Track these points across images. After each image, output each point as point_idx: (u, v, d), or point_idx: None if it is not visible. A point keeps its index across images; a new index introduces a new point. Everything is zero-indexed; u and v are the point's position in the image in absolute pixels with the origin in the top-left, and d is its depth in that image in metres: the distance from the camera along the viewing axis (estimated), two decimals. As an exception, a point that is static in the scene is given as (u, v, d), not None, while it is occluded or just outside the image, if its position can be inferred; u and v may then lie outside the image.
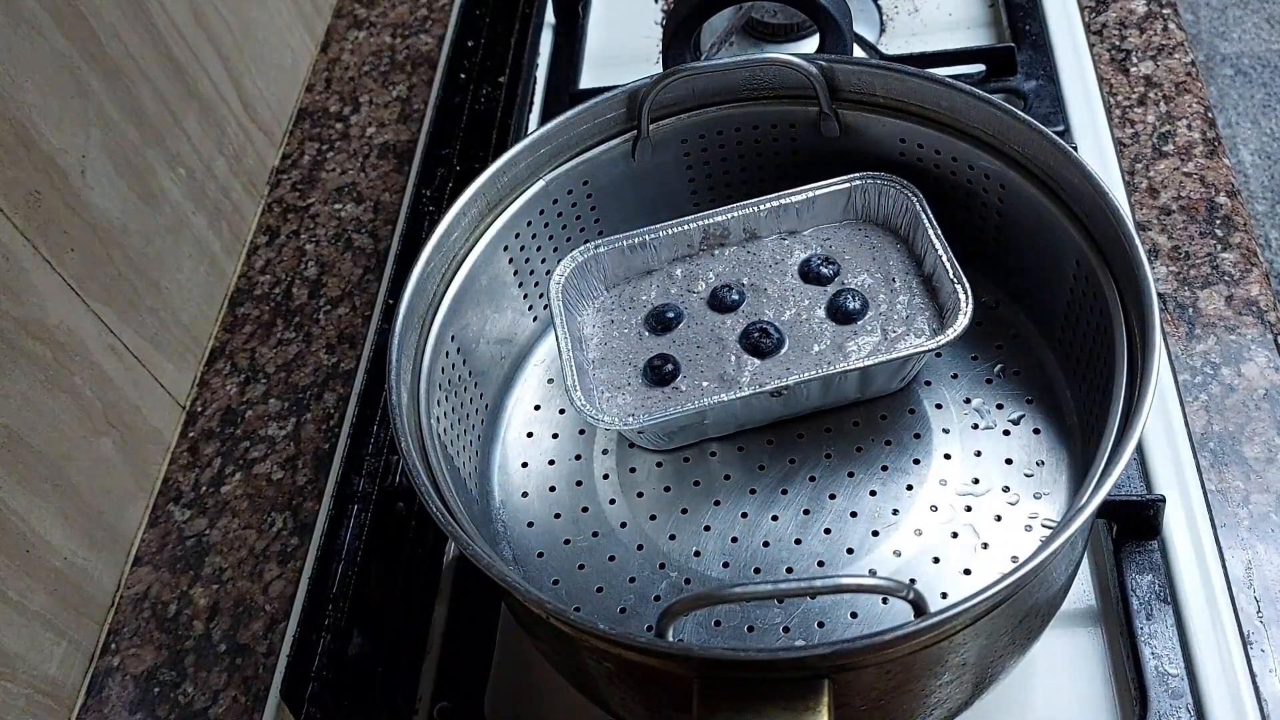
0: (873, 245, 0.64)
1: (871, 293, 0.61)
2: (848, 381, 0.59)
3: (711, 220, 0.64)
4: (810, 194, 0.64)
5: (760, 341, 0.60)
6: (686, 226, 0.64)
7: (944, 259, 0.59)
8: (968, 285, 0.58)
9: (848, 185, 0.64)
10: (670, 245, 0.65)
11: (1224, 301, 0.70)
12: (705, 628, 0.54)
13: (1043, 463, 0.58)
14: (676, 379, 0.60)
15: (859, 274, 0.62)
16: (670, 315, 0.62)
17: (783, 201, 0.64)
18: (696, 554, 0.57)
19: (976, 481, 0.57)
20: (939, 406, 0.61)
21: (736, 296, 0.62)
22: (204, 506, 0.75)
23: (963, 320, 0.57)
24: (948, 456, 0.59)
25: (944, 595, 0.54)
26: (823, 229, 0.65)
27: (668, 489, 0.60)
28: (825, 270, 0.62)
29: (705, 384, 0.59)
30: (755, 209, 0.64)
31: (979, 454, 0.59)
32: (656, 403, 0.58)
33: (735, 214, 0.64)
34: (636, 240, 0.64)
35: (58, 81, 0.68)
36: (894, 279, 0.62)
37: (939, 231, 0.61)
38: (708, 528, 0.58)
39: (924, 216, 0.61)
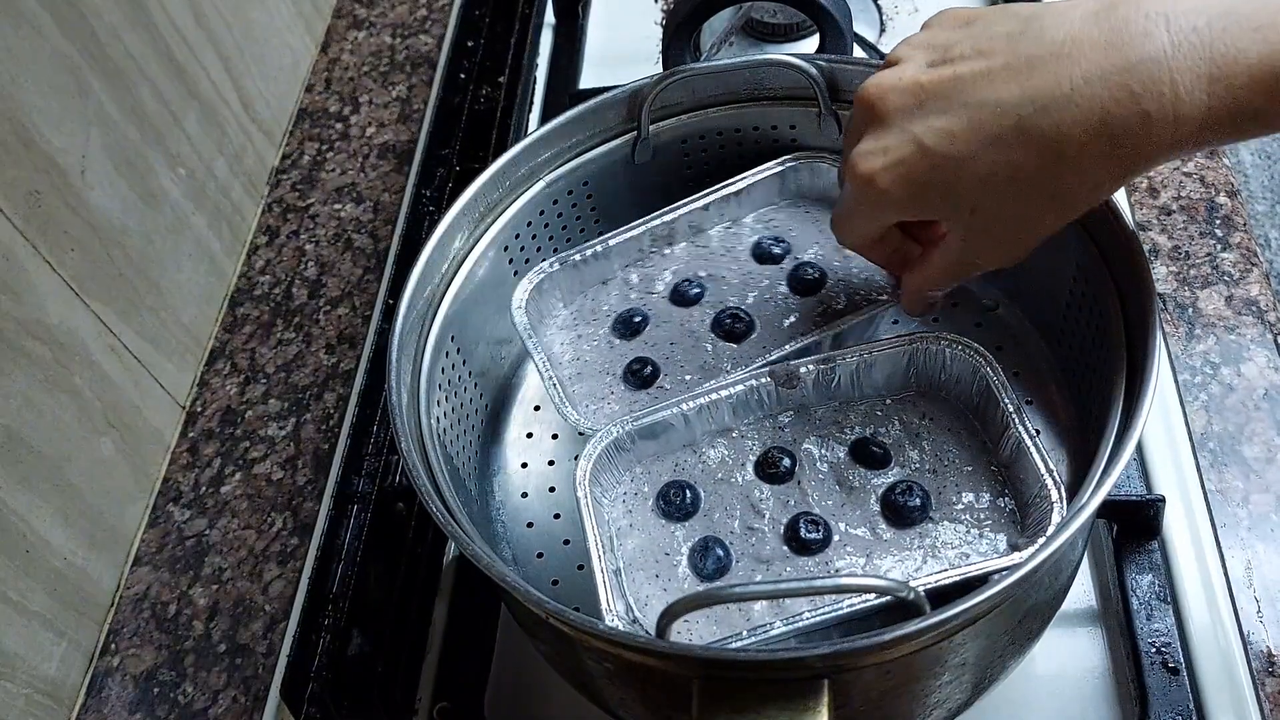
0: (815, 219, 0.65)
1: (826, 263, 0.62)
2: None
3: (658, 221, 0.65)
4: (746, 181, 0.65)
5: (733, 327, 0.61)
6: (633, 233, 0.65)
7: None
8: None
9: (781, 168, 0.65)
10: (621, 253, 0.65)
11: (1224, 301, 0.70)
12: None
13: (1042, 463, 0.58)
14: (659, 378, 0.60)
15: (809, 248, 0.64)
16: (637, 319, 0.63)
17: (721, 193, 0.65)
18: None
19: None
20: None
21: (698, 289, 0.63)
22: (204, 506, 0.75)
23: None
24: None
25: (943, 595, 0.54)
26: (764, 212, 0.66)
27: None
28: (777, 249, 0.64)
29: (689, 378, 0.60)
30: (695, 205, 0.65)
31: (979, 454, 0.59)
32: (643, 405, 0.59)
33: (677, 213, 0.65)
34: (588, 253, 0.64)
35: (58, 81, 0.68)
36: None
37: None
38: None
39: None
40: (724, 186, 0.65)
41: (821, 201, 0.66)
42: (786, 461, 0.56)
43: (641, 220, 0.65)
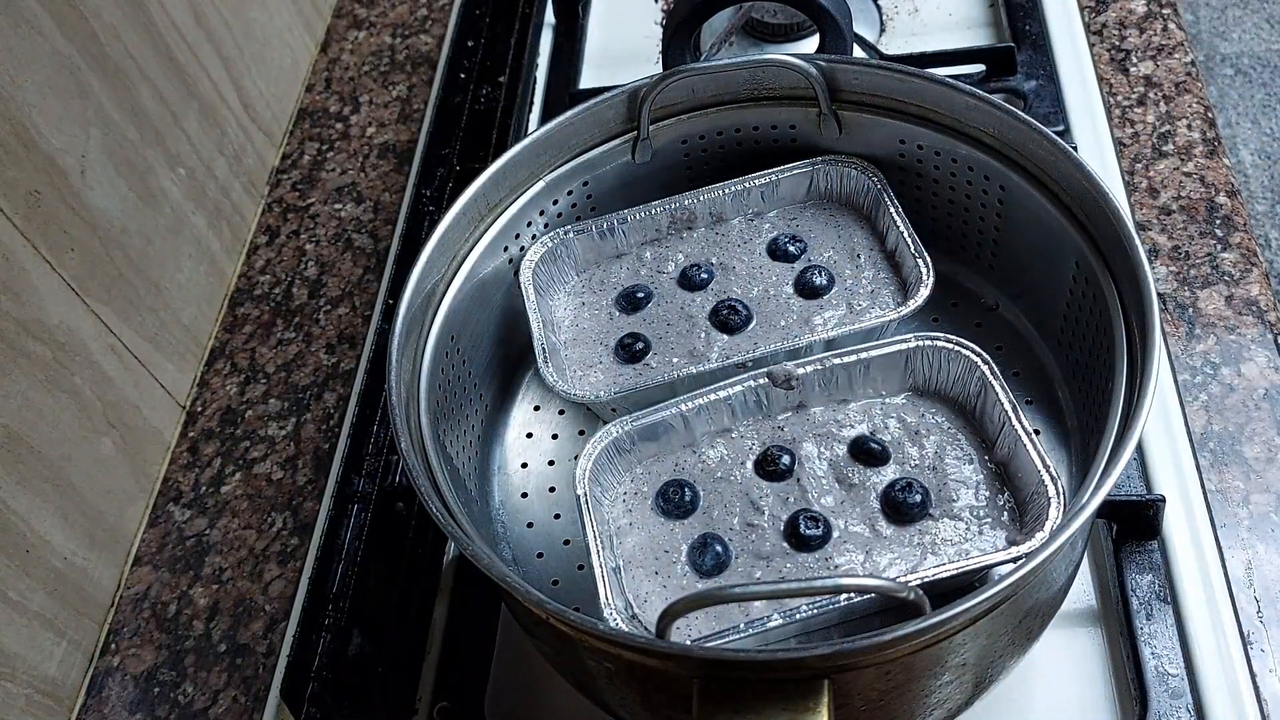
0: (837, 224, 0.65)
1: (837, 269, 0.63)
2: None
3: (678, 204, 0.65)
4: (773, 176, 0.66)
5: (729, 318, 0.61)
6: (654, 211, 0.66)
7: (905, 235, 0.61)
8: (929, 259, 0.60)
9: (810, 167, 0.66)
10: (639, 230, 0.66)
11: (1224, 301, 0.70)
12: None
13: (1043, 463, 0.58)
14: (647, 355, 0.61)
15: (824, 251, 0.64)
16: (640, 295, 0.64)
17: (746, 184, 0.66)
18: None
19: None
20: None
21: (706, 275, 0.64)
22: (204, 506, 0.75)
23: (924, 291, 0.59)
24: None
25: (943, 595, 0.54)
26: (788, 209, 0.67)
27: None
28: (792, 248, 0.64)
29: (675, 360, 0.60)
30: (720, 192, 0.66)
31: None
32: (628, 379, 0.60)
33: (701, 198, 0.66)
34: (606, 225, 0.65)
35: (58, 81, 0.68)
36: (858, 255, 0.63)
37: (900, 209, 0.62)
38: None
39: (885, 196, 0.63)
40: (750, 178, 0.66)
41: (846, 206, 0.66)
42: (786, 459, 0.56)
43: (663, 200, 0.65)
